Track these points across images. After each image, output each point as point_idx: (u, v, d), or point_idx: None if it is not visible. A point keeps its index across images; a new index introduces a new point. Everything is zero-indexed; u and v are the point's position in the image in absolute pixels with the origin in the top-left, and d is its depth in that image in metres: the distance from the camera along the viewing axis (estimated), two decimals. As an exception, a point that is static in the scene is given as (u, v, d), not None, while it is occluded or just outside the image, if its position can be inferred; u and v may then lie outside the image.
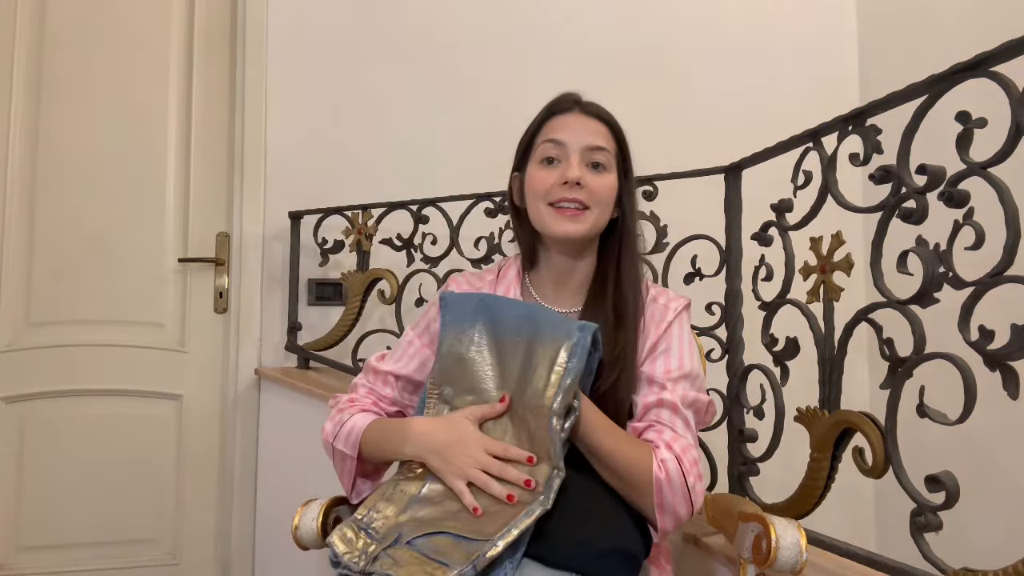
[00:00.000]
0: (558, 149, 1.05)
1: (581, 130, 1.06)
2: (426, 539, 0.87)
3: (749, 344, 1.44)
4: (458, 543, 0.85)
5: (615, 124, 1.10)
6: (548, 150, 1.05)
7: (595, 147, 1.05)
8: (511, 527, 0.84)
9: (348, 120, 2.39)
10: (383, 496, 0.94)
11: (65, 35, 2.25)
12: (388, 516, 0.91)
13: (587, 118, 1.08)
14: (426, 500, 0.92)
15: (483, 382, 0.97)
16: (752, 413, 1.40)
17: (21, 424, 2.15)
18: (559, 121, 1.08)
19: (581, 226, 1.03)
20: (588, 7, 2.63)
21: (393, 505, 0.93)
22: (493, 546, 0.82)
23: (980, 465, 2.12)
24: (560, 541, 0.87)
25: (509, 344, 0.97)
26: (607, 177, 1.06)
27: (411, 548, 0.87)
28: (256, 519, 2.23)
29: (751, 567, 0.99)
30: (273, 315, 2.30)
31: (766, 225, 1.37)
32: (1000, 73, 0.93)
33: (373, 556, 0.87)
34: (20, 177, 2.20)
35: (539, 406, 0.91)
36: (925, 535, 1.00)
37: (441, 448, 0.93)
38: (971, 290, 0.94)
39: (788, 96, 2.66)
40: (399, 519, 0.91)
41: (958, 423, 0.94)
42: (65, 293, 2.20)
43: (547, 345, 0.94)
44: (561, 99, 1.10)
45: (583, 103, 1.10)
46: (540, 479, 0.89)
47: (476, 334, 0.99)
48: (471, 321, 1.00)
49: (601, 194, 1.04)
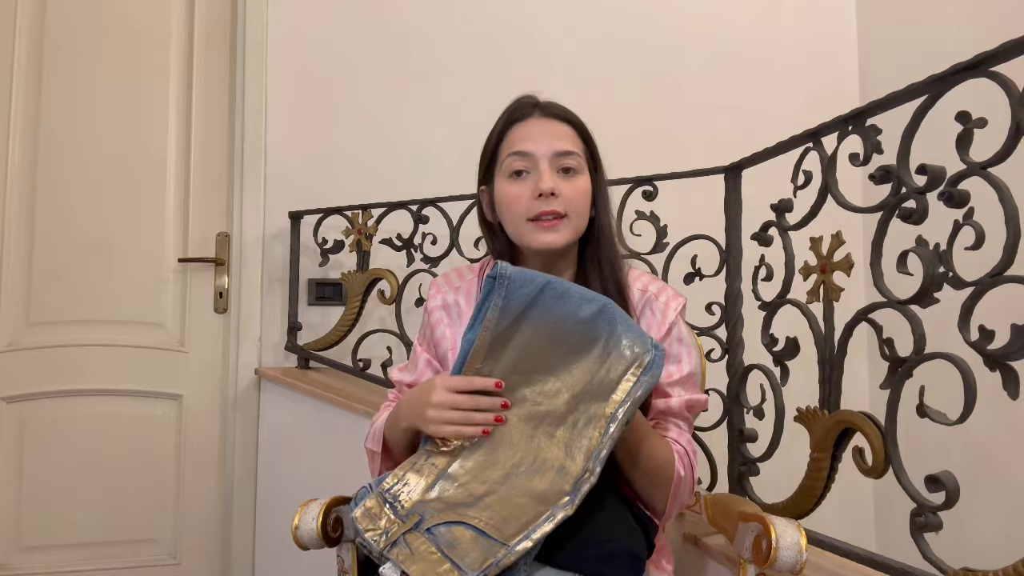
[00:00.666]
0: (526, 161, 1.00)
1: (546, 136, 1.00)
2: (447, 528, 0.86)
3: (749, 344, 1.44)
4: (477, 539, 0.85)
5: (579, 123, 1.05)
6: (515, 163, 1.00)
7: (563, 152, 1.00)
8: (531, 533, 0.84)
9: (348, 120, 2.39)
10: (413, 467, 0.92)
11: (65, 35, 2.25)
12: (414, 490, 0.90)
13: (550, 121, 1.02)
14: (453, 478, 0.90)
15: (536, 367, 0.92)
16: (752, 413, 1.40)
17: (21, 424, 2.15)
18: (521, 130, 1.02)
19: (560, 236, 0.99)
20: (589, 9, 2.63)
21: (422, 479, 0.91)
22: (508, 554, 0.82)
23: (980, 465, 2.12)
24: (565, 542, 0.87)
25: (574, 333, 0.92)
26: (580, 180, 1.01)
27: (430, 537, 0.86)
28: (256, 519, 2.23)
29: (751, 567, 0.99)
30: (273, 315, 2.30)
31: (766, 225, 1.37)
32: (1000, 73, 0.93)
33: (392, 540, 0.87)
34: (20, 177, 2.20)
35: (600, 409, 0.90)
36: (925, 535, 1.00)
37: (415, 407, 0.93)
38: (971, 290, 0.94)
39: (788, 96, 2.66)
40: (425, 496, 0.89)
41: (958, 423, 0.94)
42: (65, 293, 2.20)
43: (623, 350, 0.92)
44: (519, 104, 1.05)
45: (542, 105, 1.04)
46: (571, 475, 0.88)
47: (535, 316, 0.91)
48: (532, 302, 0.91)
49: (576, 200, 1.00)
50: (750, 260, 1.43)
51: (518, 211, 1.00)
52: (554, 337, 0.91)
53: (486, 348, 0.91)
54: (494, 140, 1.05)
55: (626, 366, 0.91)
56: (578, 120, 1.06)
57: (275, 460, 2.22)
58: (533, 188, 0.99)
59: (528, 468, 0.89)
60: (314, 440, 2.07)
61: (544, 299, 0.91)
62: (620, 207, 1.65)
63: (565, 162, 1.00)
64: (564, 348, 0.92)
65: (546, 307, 0.91)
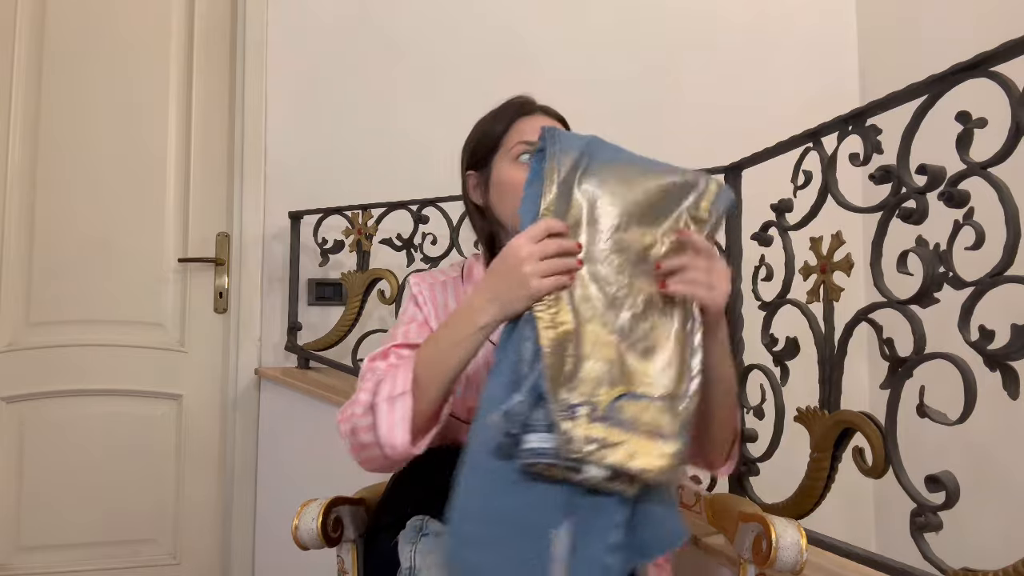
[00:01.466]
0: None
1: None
2: (616, 406, 0.78)
3: (749, 344, 1.43)
4: (648, 405, 0.79)
5: (568, 126, 1.16)
6: (524, 149, 1.08)
7: None
8: (688, 373, 0.82)
9: (348, 120, 2.39)
10: (555, 366, 0.79)
11: (65, 35, 2.25)
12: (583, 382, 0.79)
13: (551, 120, 1.13)
14: (584, 356, 0.80)
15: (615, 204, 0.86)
16: (752, 413, 1.40)
17: (21, 424, 2.15)
18: (528, 123, 1.10)
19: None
20: (588, 7, 2.63)
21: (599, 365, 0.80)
22: (688, 400, 0.81)
23: (980, 465, 2.12)
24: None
25: (636, 168, 0.88)
26: None
27: (611, 423, 0.77)
28: (256, 519, 2.23)
29: (751, 567, 0.99)
30: (273, 315, 2.30)
31: (766, 225, 1.37)
32: (1000, 73, 0.93)
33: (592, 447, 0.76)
34: (20, 176, 2.20)
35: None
36: (925, 535, 1.00)
37: (502, 281, 0.85)
38: (971, 290, 0.94)
39: (788, 96, 2.65)
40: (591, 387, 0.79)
41: (958, 423, 0.94)
42: (65, 293, 2.20)
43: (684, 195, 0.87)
44: (525, 102, 1.15)
45: (544, 107, 1.15)
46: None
47: (594, 162, 0.87)
48: (585, 147, 0.88)
49: None
50: (750, 260, 1.43)
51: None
52: (621, 174, 0.87)
53: (554, 200, 0.85)
54: (501, 128, 1.12)
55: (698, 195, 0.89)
56: (566, 124, 1.16)
57: (275, 460, 2.22)
58: None
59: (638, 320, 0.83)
60: (314, 440, 2.07)
61: (595, 145, 0.90)
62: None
63: None
64: (636, 179, 0.87)
65: (601, 151, 0.89)
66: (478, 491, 0.81)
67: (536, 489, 0.79)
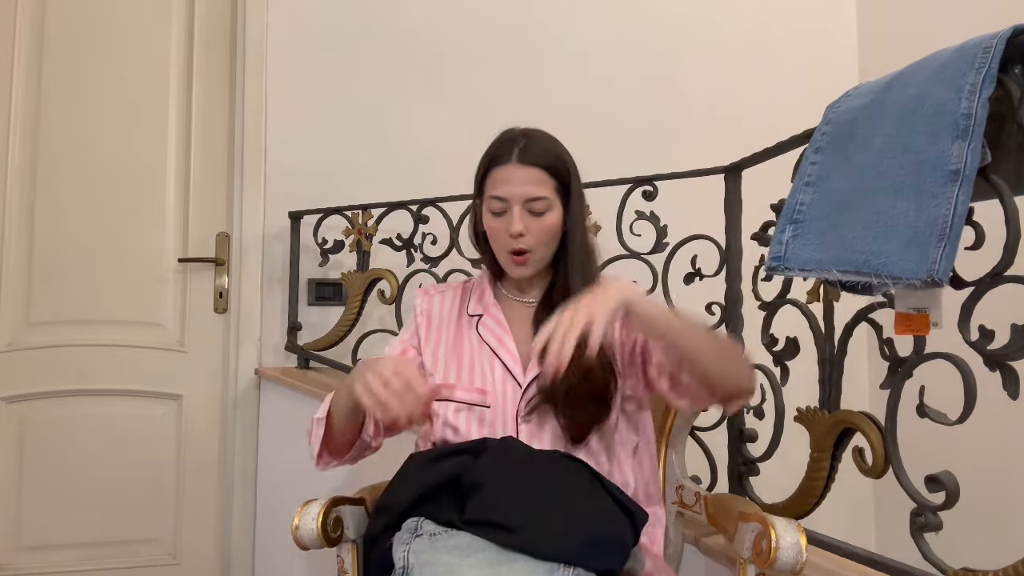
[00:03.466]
0: (502, 204, 1.13)
1: (520, 184, 1.11)
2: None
3: (749, 344, 1.43)
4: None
5: (553, 164, 1.13)
6: (494, 205, 1.13)
7: (533, 198, 1.11)
8: None
9: (348, 120, 2.39)
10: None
11: (65, 35, 2.25)
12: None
13: (525, 168, 1.12)
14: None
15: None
16: (752, 413, 1.40)
17: (21, 424, 2.15)
18: (500, 174, 1.13)
19: (528, 269, 1.15)
20: (587, 7, 2.63)
21: None
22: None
23: (980, 465, 2.12)
24: (547, 532, 0.87)
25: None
26: (548, 218, 1.13)
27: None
28: (256, 519, 2.23)
29: (751, 567, 0.99)
30: (273, 315, 2.30)
31: (766, 225, 1.37)
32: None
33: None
34: (20, 177, 2.20)
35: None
36: (925, 535, 1.00)
37: (360, 377, 0.97)
38: (971, 290, 0.94)
39: (788, 96, 2.65)
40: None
41: (958, 423, 0.94)
42: (65, 293, 2.20)
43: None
44: (500, 145, 1.15)
45: (521, 150, 1.13)
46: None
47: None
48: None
49: (543, 234, 1.13)
50: (750, 260, 1.43)
51: (499, 244, 1.16)
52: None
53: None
54: (480, 174, 1.17)
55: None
56: (553, 162, 1.13)
57: (275, 460, 2.22)
58: (506, 229, 1.13)
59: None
60: (314, 440, 2.07)
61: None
62: (620, 207, 1.65)
63: (534, 207, 1.12)
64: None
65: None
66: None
67: None
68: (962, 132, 0.87)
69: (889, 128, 0.96)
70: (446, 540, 0.89)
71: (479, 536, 0.88)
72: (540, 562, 0.86)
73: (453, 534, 0.90)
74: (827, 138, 1.06)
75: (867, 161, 0.97)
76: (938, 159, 0.89)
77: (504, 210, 1.13)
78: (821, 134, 1.08)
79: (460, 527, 0.90)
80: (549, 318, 0.92)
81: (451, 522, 0.92)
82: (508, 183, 1.12)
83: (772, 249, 1.04)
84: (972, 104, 0.87)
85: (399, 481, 1.04)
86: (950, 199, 0.86)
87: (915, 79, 0.96)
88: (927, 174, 0.89)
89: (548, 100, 2.42)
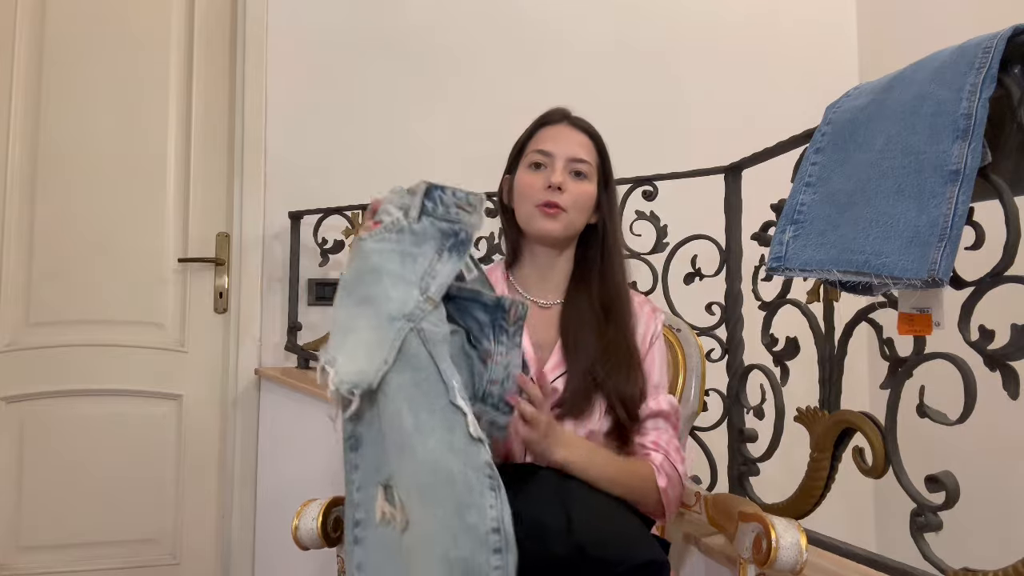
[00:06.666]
0: (545, 157, 1.15)
1: (567, 142, 1.16)
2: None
3: (749, 344, 1.44)
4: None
5: (598, 138, 1.20)
6: (536, 157, 1.16)
7: (578, 159, 1.16)
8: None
9: (348, 120, 2.39)
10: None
11: (65, 35, 2.25)
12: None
13: (574, 130, 1.18)
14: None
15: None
16: (752, 413, 1.40)
17: (21, 424, 2.15)
18: (548, 132, 1.18)
19: (557, 224, 1.14)
20: (588, 7, 2.63)
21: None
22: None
23: (980, 465, 2.12)
24: (583, 560, 0.86)
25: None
26: (586, 185, 1.16)
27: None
28: (256, 519, 2.23)
29: (751, 567, 0.99)
30: (273, 315, 2.30)
31: (766, 225, 1.36)
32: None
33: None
34: (20, 177, 2.20)
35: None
36: (925, 535, 1.00)
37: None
38: (971, 290, 0.94)
39: (788, 96, 2.65)
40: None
41: (958, 423, 0.94)
42: (65, 293, 2.20)
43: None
44: (552, 112, 1.21)
45: (571, 117, 1.20)
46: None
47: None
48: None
49: (579, 199, 1.15)
50: (750, 260, 1.43)
51: (530, 196, 1.15)
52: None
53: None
54: (524, 137, 1.20)
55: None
56: (598, 136, 1.20)
57: (275, 460, 2.22)
58: (546, 180, 1.14)
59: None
60: (314, 440, 2.07)
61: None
62: (620, 207, 1.65)
63: (578, 167, 1.16)
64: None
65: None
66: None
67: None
68: (962, 132, 0.88)
69: (889, 128, 0.96)
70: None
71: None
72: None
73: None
74: (827, 138, 1.06)
75: (867, 161, 0.97)
76: (938, 159, 0.89)
77: (545, 163, 1.15)
78: (821, 134, 1.08)
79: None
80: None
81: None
82: (556, 140, 1.16)
83: (772, 249, 1.04)
84: (972, 104, 0.87)
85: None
86: (950, 199, 0.86)
87: (915, 79, 0.97)
88: (927, 174, 0.89)
89: (548, 100, 2.40)
